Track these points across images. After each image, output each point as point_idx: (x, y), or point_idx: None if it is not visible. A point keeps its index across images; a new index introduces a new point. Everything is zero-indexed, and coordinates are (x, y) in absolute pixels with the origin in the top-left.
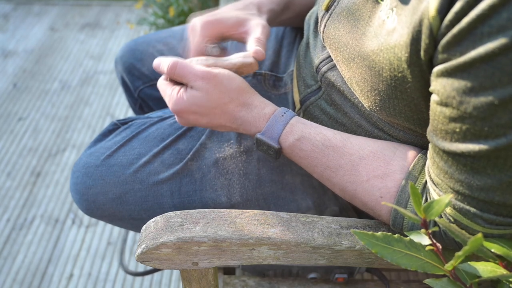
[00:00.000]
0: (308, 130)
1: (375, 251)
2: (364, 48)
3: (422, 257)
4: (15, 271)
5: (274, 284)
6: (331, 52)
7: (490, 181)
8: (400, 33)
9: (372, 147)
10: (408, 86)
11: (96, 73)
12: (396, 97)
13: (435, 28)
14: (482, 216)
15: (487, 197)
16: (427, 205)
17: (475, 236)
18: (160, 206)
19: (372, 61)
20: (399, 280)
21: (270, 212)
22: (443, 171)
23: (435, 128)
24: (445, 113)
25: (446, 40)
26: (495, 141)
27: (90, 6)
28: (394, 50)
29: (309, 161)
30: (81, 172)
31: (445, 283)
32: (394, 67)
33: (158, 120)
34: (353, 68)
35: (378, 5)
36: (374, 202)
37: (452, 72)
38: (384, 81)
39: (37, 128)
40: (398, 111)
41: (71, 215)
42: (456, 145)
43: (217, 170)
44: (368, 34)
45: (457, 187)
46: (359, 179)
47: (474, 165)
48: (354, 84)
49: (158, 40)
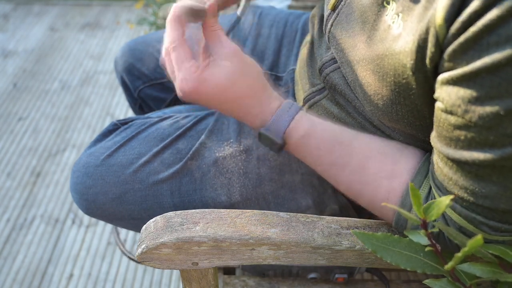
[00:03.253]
0: (314, 127)
1: (375, 252)
2: (370, 52)
3: (421, 257)
4: (15, 271)
5: (274, 284)
6: (336, 53)
7: (495, 188)
8: (406, 40)
9: (380, 146)
10: (412, 93)
11: (96, 73)
12: (399, 103)
13: (441, 37)
14: (488, 223)
15: (492, 204)
16: (427, 206)
17: (474, 238)
18: (160, 205)
19: (377, 66)
20: (399, 280)
21: (270, 212)
22: (447, 177)
23: (440, 134)
24: (450, 120)
25: (452, 49)
26: (501, 150)
27: (90, 6)
28: (399, 56)
29: (314, 158)
30: (81, 172)
31: (444, 284)
32: (399, 73)
33: (158, 120)
34: (357, 71)
35: (383, 9)
36: (380, 202)
37: (457, 80)
38: (387, 86)
39: (37, 128)
40: (401, 116)
41: (71, 215)
42: (461, 152)
43: (217, 169)
44: (373, 38)
45: (462, 194)
46: (366, 178)
47: (479, 172)
48: (357, 87)
49: (158, 40)
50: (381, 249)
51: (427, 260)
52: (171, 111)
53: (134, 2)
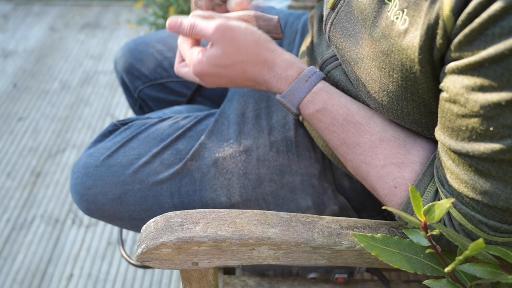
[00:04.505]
0: (331, 102)
1: (375, 254)
2: (373, 49)
3: (422, 259)
4: (15, 271)
5: (274, 284)
6: (337, 51)
7: (495, 183)
8: (414, 35)
9: (395, 132)
10: (421, 87)
11: (96, 73)
12: (405, 99)
13: (449, 28)
14: (487, 223)
15: (491, 201)
16: (428, 209)
17: (476, 242)
18: (160, 206)
19: (382, 62)
20: (399, 280)
21: (270, 212)
22: (449, 170)
23: (443, 125)
24: (453, 110)
25: (458, 40)
26: (500, 142)
27: (90, 6)
28: (406, 52)
29: (326, 133)
30: (81, 172)
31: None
32: (407, 68)
33: (158, 121)
34: (361, 69)
35: (385, 6)
36: (387, 191)
37: (462, 70)
38: (394, 82)
39: (37, 128)
40: (406, 113)
41: (71, 215)
42: (462, 144)
43: (217, 170)
44: (375, 35)
45: (462, 189)
46: (376, 162)
47: (478, 166)
48: (361, 85)
49: (157, 40)
50: (381, 251)
51: (427, 261)
52: (171, 112)
53: (134, 2)
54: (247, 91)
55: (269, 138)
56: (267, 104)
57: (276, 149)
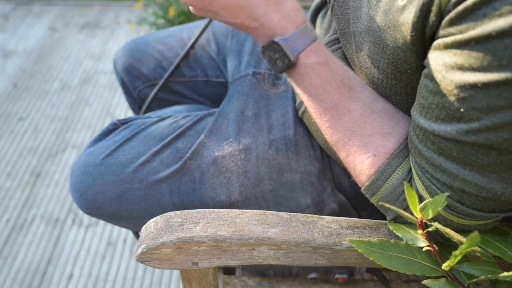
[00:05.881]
0: (332, 60)
1: (373, 258)
2: (372, 23)
3: (419, 260)
4: (15, 271)
5: (274, 284)
6: (338, 23)
7: (454, 164)
8: (410, 11)
9: (386, 104)
10: (409, 67)
11: (96, 73)
12: (395, 78)
13: (443, 5)
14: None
15: (448, 181)
16: (423, 206)
17: (471, 234)
18: (160, 205)
19: (378, 38)
20: (399, 280)
21: (270, 212)
22: (413, 145)
23: (417, 101)
24: (428, 86)
25: (449, 17)
26: (467, 124)
27: (90, 6)
28: (401, 28)
29: (320, 91)
30: (80, 171)
31: (443, 284)
32: (399, 46)
33: (157, 120)
34: (357, 43)
35: None
36: (364, 159)
37: (447, 46)
38: (386, 59)
39: (37, 128)
40: (394, 92)
41: (71, 215)
42: (430, 123)
43: (216, 168)
44: (377, 9)
45: (423, 164)
46: (362, 131)
47: (441, 145)
48: (356, 59)
49: (157, 40)
50: (379, 255)
51: (425, 262)
52: (171, 111)
53: (134, 2)
54: (246, 90)
55: (268, 137)
56: (267, 103)
57: (276, 147)
